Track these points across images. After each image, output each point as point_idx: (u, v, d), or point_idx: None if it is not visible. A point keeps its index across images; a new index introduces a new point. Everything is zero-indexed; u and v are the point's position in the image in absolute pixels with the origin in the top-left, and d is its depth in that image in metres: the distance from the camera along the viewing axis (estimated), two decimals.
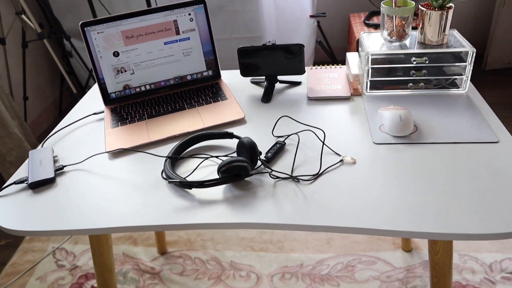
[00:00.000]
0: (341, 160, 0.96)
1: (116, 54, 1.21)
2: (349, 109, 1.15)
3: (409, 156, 0.95)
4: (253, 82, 1.33)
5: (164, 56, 1.25)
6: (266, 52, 1.20)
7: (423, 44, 1.15)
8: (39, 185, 0.97)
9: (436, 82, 1.17)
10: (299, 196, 0.87)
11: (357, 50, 1.33)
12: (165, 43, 1.24)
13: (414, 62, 1.13)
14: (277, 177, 0.93)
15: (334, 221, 0.80)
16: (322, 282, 1.63)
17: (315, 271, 1.68)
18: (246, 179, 0.93)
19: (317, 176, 0.92)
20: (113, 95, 1.25)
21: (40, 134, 2.96)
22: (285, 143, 1.02)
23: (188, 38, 1.26)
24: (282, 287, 1.63)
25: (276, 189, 0.90)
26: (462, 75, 1.14)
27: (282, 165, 0.97)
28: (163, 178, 0.96)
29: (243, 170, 0.90)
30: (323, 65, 1.39)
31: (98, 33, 1.18)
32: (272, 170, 0.94)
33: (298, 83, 1.29)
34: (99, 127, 1.19)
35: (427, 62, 1.13)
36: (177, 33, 1.24)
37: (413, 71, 1.15)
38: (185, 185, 0.89)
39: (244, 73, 1.25)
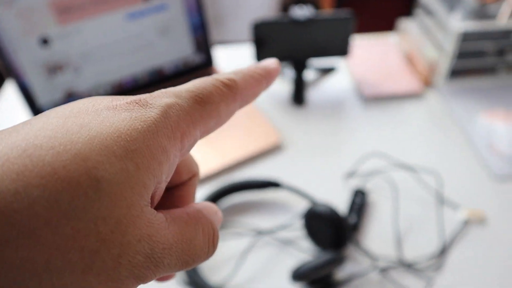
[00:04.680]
0: (465, 221, 0.61)
1: (44, 41, 0.70)
2: (426, 113, 0.77)
3: None
4: None
5: (126, 38, 0.76)
6: (298, 28, 0.76)
7: None
8: None
9: None
10: None
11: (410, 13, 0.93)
12: (127, 17, 0.75)
13: None
14: (383, 269, 0.56)
15: None
16: None
17: None
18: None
19: (440, 256, 0.57)
20: (48, 108, 0.75)
21: None
22: (364, 193, 0.64)
23: (164, 6, 0.77)
24: None
25: None
26: None
27: (374, 235, 0.59)
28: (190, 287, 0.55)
29: (335, 269, 0.52)
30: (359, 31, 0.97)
31: (6, 7, 0.66)
32: (374, 259, 0.57)
33: (330, 70, 0.87)
34: None
35: None
36: None
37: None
38: None
39: (261, 58, 0.80)
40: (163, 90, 0.17)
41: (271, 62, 0.21)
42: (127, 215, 0.14)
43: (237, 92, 0.19)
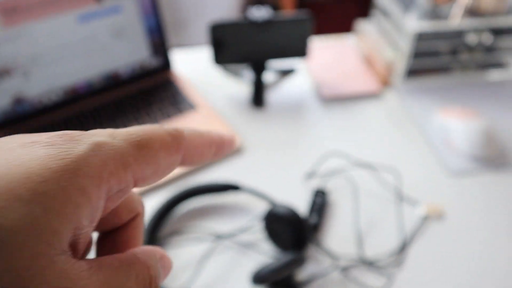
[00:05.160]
0: (424, 216, 0.61)
1: None
2: (384, 112, 0.78)
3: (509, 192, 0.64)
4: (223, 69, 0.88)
5: (79, 41, 0.73)
6: (256, 29, 0.76)
7: (474, 14, 0.81)
8: None
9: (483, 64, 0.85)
10: None
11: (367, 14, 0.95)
12: (79, 19, 0.72)
13: (470, 39, 0.79)
14: (344, 268, 0.55)
15: None
16: None
17: None
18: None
19: (401, 252, 0.57)
20: None
21: None
22: (325, 193, 0.63)
23: (118, 8, 0.75)
24: None
25: None
26: None
27: (335, 235, 0.59)
28: None
29: (296, 270, 0.51)
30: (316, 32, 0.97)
31: None
32: (335, 259, 0.56)
33: (290, 72, 0.87)
34: None
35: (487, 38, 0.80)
36: None
37: (462, 51, 0.82)
38: None
39: (219, 60, 0.79)
40: (99, 129, 0.16)
41: (228, 135, 0.20)
42: (31, 267, 0.12)
43: (181, 144, 0.18)
